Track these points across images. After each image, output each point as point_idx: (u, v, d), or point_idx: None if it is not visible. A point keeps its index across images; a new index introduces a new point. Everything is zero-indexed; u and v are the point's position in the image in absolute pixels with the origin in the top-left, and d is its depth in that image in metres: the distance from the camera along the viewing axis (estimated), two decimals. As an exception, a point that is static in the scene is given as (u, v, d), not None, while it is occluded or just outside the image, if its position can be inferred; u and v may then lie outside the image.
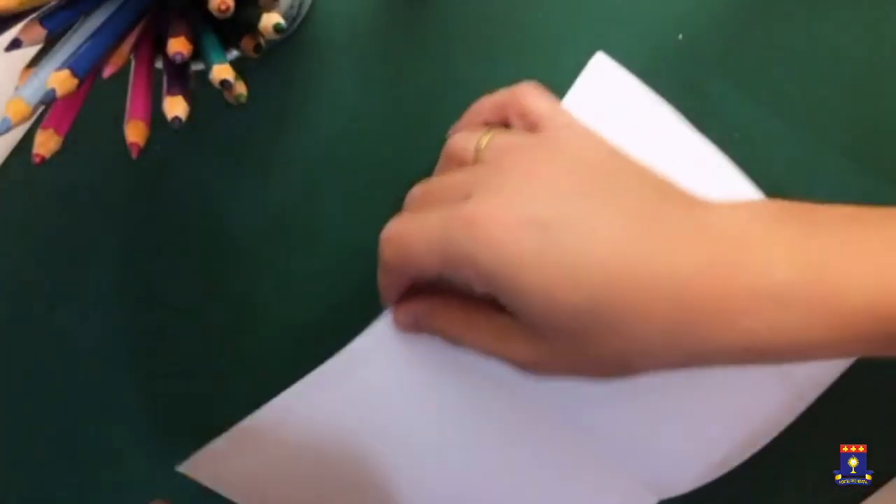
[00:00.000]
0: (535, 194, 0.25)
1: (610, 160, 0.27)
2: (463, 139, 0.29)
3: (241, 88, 0.28)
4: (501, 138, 0.28)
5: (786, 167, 0.35)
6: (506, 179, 0.26)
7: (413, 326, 0.30)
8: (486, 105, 0.31)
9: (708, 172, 0.32)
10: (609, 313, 0.23)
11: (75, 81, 0.26)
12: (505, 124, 0.30)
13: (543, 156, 0.26)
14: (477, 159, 0.28)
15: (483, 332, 0.27)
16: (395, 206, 0.36)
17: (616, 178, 0.26)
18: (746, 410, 0.30)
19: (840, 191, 0.35)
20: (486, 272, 0.24)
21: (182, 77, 0.28)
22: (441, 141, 0.36)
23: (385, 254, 0.28)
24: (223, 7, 0.25)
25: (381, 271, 0.29)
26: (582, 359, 0.25)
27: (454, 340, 0.28)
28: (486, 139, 0.28)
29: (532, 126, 0.29)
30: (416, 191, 0.30)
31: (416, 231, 0.27)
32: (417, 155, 0.36)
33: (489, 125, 0.30)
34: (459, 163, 0.29)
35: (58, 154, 0.27)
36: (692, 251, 0.23)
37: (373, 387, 0.31)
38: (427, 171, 0.36)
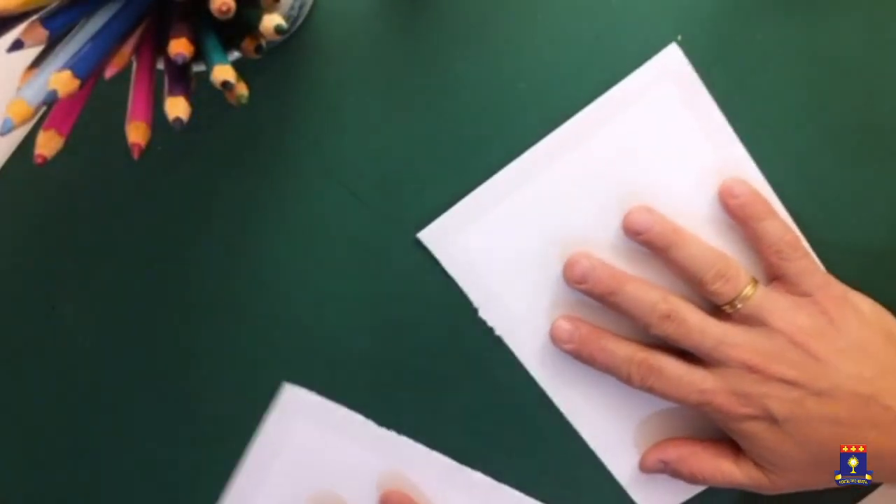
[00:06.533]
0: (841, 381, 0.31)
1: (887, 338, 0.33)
2: (722, 272, 0.33)
3: (242, 89, 0.28)
4: (771, 304, 0.33)
5: (786, 166, 0.35)
6: (810, 365, 0.32)
7: (656, 467, 0.36)
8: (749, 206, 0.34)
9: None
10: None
11: (77, 82, 0.26)
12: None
13: (835, 344, 0.32)
14: (736, 310, 0.33)
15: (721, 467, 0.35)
16: (397, 205, 0.37)
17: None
18: None
19: (840, 189, 0.35)
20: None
21: (183, 78, 0.28)
22: (442, 141, 0.36)
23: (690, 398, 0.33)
24: (224, 8, 0.25)
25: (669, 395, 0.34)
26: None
27: (692, 478, 0.35)
28: (748, 290, 0.33)
29: (795, 287, 0.33)
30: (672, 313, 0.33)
31: (720, 389, 0.33)
32: (419, 154, 0.36)
33: (749, 276, 0.33)
34: (706, 292, 0.33)
35: (59, 154, 0.28)
36: None
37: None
38: (428, 170, 0.36)
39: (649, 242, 0.34)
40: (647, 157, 0.35)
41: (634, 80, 0.35)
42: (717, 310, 0.34)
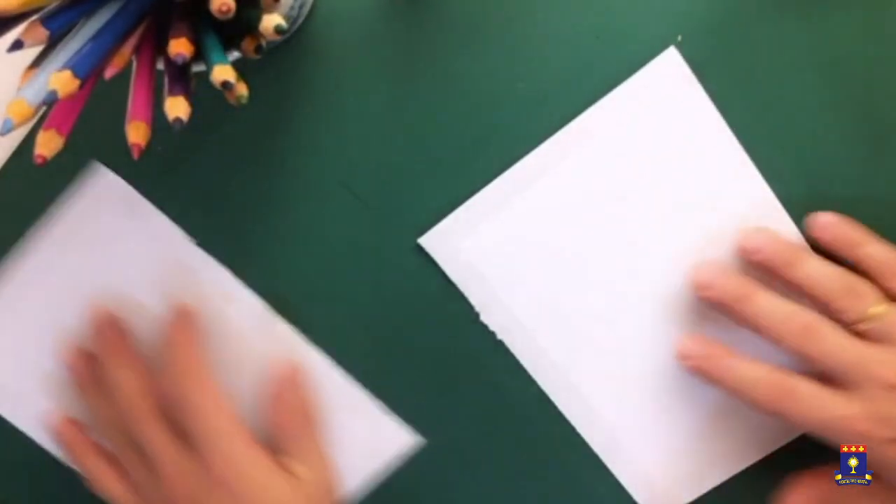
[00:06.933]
0: None
1: None
2: (850, 288, 0.31)
3: (242, 89, 0.28)
4: None
5: (785, 167, 0.35)
6: None
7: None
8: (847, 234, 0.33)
9: (738, 188, 0.35)
10: None
11: (77, 82, 0.26)
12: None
13: None
14: (868, 328, 0.31)
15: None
16: (397, 205, 0.37)
17: None
18: None
19: (840, 190, 0.35)
20: None
21: (183, 78, 0.28)
22: (442, 141, 0.36)
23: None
24: (224, 8, 0.25)
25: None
26: None
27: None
28: (880, 308, 0.31)
29: None
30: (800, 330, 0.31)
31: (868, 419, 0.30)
32: (419, 154, 0.36)
33: (879, 294, 0.32)
34: (833, 310, 0.31)
35: (59, 154, 0.28)
36: None
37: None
38: (428, 170, 0.36)
39: (766, 262, 0.33)
40: (646, 161, 0.35)
41: (632, 85, 0.35)
42: (847, 329, 0.31)
